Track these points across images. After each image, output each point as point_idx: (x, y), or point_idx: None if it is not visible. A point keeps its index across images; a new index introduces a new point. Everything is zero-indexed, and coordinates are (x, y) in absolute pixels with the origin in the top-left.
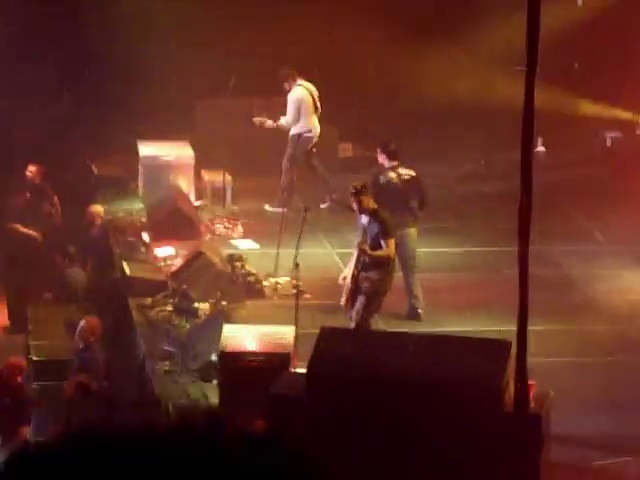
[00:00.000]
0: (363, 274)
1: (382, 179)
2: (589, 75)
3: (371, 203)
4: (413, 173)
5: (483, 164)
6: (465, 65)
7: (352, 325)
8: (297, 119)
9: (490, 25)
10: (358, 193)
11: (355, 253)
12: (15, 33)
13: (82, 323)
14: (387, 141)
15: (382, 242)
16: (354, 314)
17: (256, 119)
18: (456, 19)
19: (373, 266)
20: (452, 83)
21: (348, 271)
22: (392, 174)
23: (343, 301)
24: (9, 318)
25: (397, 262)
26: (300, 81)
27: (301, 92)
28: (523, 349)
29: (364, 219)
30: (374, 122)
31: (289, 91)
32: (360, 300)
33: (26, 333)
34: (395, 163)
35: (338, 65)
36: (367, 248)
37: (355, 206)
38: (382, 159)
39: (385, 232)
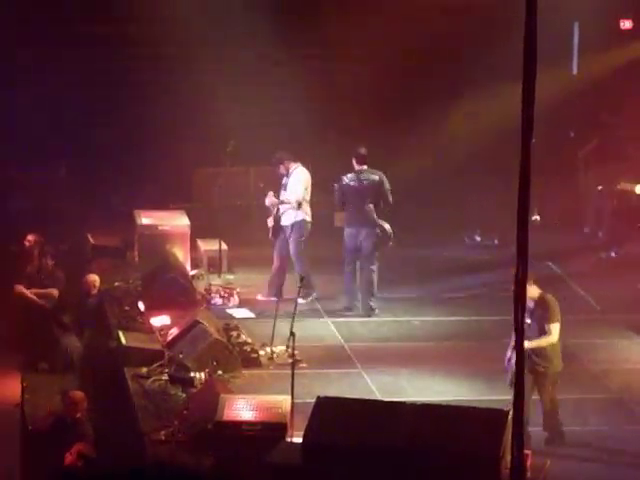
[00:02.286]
0: (533, 358)
1: (344, 181)
2: (585, 144)
3: (533, 290)
4: (375, 177)
5: (479, 232)
6: (464, 131)
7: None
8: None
9: (485, 94)
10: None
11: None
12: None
13: (65, 399)
14: (358, 146)
15: (546, 327)
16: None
17: (269, 200)
18: (454, 85)
19: (539, 350)
20: (454, 149)
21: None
22: (353, 176)
23: (510, 381)
24: None
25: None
26: (298, 163)
27: (307, 173)
28: (520, 418)
29: (530, 304)
30: None
31: (287, 173)
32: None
33: (21, 403)
34: (362, 167)
35: (334, 133)
36: (527, 343)
37: (530, 296)
38: (354, 163)
39: (550, 317)
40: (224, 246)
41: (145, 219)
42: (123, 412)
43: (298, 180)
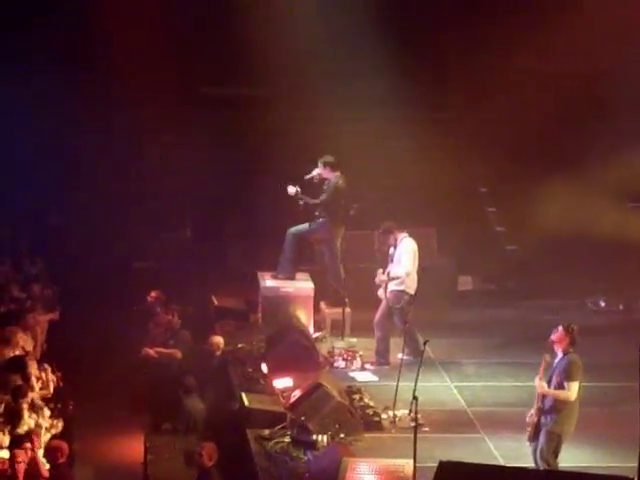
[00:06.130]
0: (546, 411)
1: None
2: None
3: (569, 345)
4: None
5: (603, 298)
6: (590, 201)
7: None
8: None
9: (608, 161)
10: (570, 333)
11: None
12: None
13: (199, 449)
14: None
15: (565, 384)
16: (538, 452)
17: (378, 279)
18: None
19: (554, 405)
20: (571, 219)
21: (533, 408)
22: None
23: (528, 436)
24: None
25: None
26: (405, 233)
27: (414, 244)
28: None
29: (559, 356)
30: (494, 256)
31: (395, 244)
32: (541, 438)
33: (144, 463)
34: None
35: (455, 200)
36: (546, 386)
37: (562, 345)
38: (326, 173)
39: (570, 374)
40: (347, 309)
41: (269, 281)
42: (245, 474)
43: (407, 252)
